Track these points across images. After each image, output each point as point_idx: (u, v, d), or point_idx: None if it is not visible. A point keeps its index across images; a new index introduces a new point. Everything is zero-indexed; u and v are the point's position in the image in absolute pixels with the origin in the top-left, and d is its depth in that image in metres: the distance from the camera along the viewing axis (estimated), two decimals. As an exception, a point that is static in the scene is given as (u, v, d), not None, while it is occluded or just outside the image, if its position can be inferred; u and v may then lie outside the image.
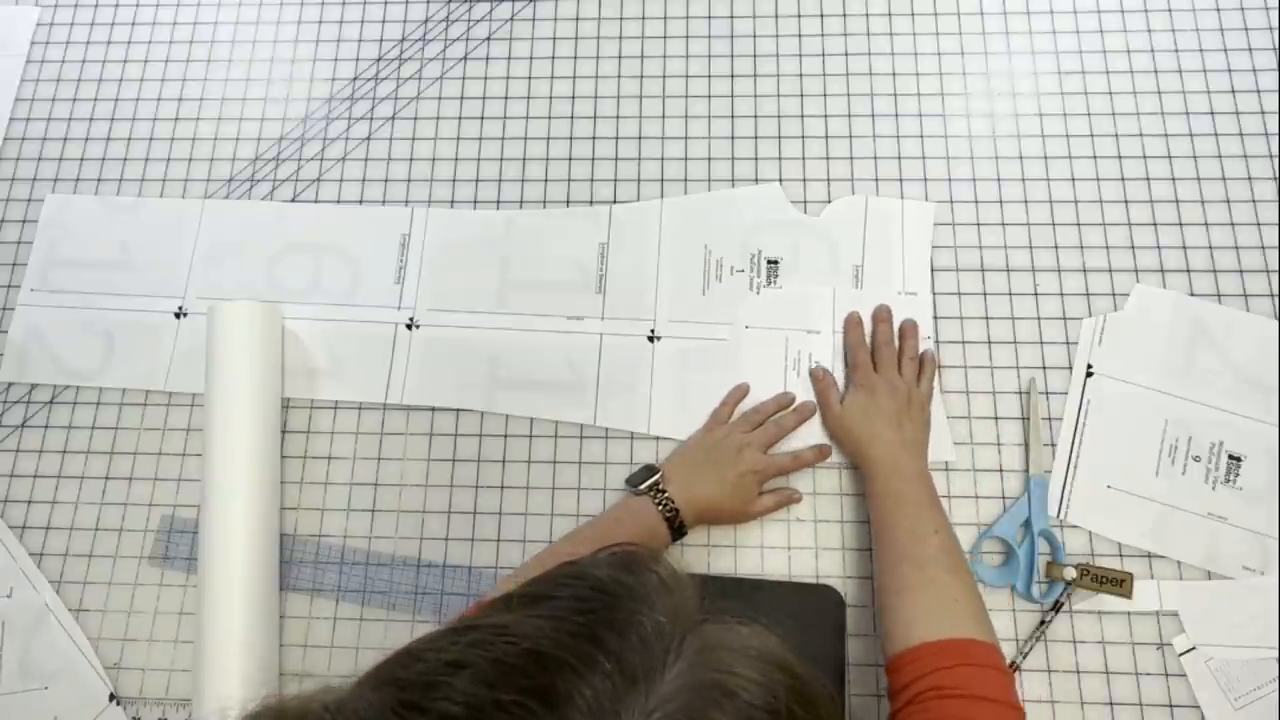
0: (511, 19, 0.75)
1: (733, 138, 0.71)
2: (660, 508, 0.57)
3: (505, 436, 0.65)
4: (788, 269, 0.67)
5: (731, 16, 0.74)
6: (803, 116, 0.71)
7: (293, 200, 0.71)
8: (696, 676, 0.26)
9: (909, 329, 0.64)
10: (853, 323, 0.65)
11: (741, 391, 0.64)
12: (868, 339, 0.65)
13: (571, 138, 0.72)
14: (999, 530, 0.60)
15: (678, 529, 0.57)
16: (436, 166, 0.71)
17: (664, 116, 0.72)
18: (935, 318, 0.65)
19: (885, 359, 0.63)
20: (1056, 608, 0.58)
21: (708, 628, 0.28)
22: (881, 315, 0.65)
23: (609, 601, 0.28)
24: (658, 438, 0.64)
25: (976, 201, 0.68)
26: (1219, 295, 0.65)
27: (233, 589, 0.57)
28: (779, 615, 0.62)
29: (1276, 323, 0.64)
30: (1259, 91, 0.70)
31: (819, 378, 0.64)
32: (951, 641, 0.48)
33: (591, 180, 0.70)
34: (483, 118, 0.73)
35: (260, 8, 0.77)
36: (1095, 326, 0.65)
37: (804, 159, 0.70)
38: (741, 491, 0.59)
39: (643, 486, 0.58)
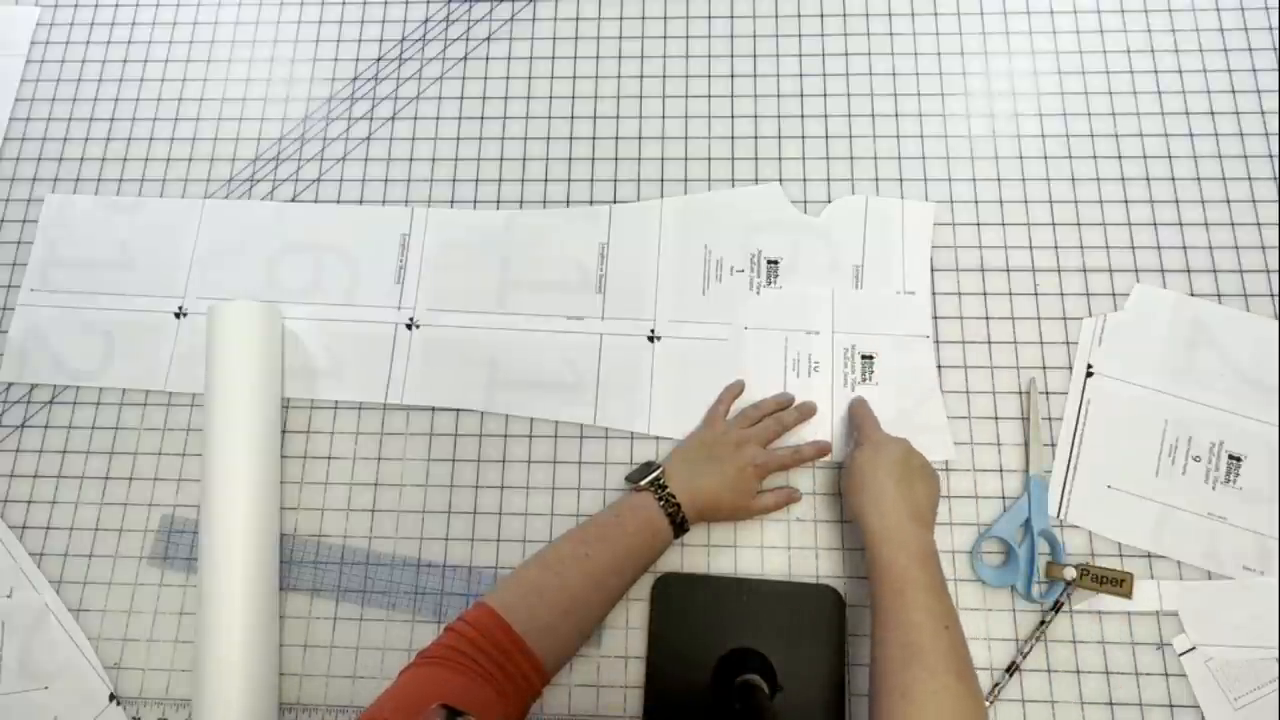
0: (511, 19, 0.75)
1: (733, 138, 0.71)
2: (662, 504, 0.57)
3: (505, 436, 0.65)
4: (788, 269, 0.67)
5: (731, 16, 0.74)
6: (803, 116, 0.71)
7: (293, 200, 0.71)
8: None
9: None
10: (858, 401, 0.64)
11: (737, 388, 0.64)
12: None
13: (571, 138, 0.71)
14: (999, 530, 0.60)
15: (679, 524, 0.57)
16: (436, 166, 0.71)
17: (664, 116, 0.72)
18: (935, 318, 0.66)
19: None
20: (1056, 608, 0.58)
21: None
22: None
23: None
24: (658, 437, 0.64)
25: (976, 201, 0.68)
26: (1219, 295, 0.65)
27: (233, 589, 0.57)
28: (779, 615, 0.62)
29: (1276, 323, 0.64)
30: (1259, 91, 0.70)
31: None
32: None
33: (591, 180, 0.70)
34: (483, 118, 0.73)
35: (260, 8, 0.77)
36: (1095, 326, 0.65)
37: (804, 159, 0.70)
38: (741, 485, 0.59)
39: (644, 482, 0.58)
